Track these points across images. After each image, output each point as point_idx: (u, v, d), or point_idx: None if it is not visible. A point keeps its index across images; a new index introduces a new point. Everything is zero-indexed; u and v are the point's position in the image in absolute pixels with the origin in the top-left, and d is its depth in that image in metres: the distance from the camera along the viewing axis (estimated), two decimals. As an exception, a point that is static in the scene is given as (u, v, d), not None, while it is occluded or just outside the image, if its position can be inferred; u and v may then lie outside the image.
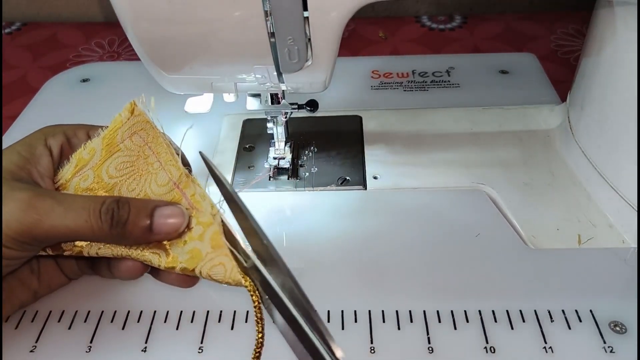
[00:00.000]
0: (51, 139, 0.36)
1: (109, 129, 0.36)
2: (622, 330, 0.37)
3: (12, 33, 0.83)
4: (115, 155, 0.35)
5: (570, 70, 0.67)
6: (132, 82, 0.65)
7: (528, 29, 0.78)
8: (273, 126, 0.50)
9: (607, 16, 0.44)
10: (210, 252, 0.32)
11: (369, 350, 0.36)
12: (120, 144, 0.35)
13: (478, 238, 0.44)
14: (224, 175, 0.32)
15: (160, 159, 0.35)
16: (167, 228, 0.32)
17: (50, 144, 0.36)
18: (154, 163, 0.35)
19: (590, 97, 0.47)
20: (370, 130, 0.56)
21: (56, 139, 0.36)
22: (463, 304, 0.39)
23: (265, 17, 0.35)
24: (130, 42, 0.39)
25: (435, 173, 0.51)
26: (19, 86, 0.70)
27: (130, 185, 0.35)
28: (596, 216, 0.46)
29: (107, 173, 0.35)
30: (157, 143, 0.35)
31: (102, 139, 0.36)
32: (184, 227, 0.32)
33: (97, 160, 0.35)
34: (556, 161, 0.51)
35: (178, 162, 0.35)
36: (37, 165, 0.35)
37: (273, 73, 0.40)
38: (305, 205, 0.48)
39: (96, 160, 0.35)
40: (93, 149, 0.36)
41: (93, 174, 0.35)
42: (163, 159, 0.35)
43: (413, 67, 0.66)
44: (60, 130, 0.37)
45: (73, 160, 0.36)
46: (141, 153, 0.35)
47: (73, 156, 0.36)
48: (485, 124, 0.56)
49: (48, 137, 0.36)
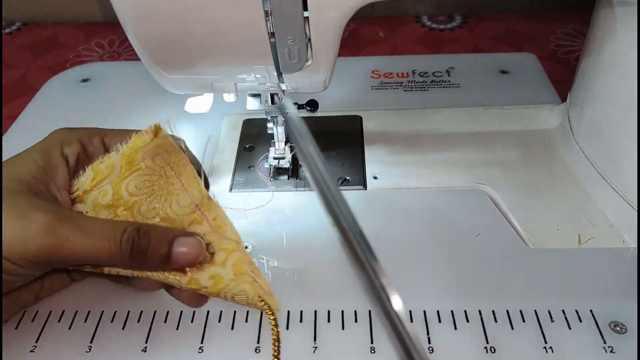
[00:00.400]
0: (67, 147, 0.35)
1: (129, 146, 0.35)
2: (622, 330, 0.37)
3: (13, 33, 0.83)
4: (135, 173, 0.34)
5: (570, 70, 0.67)
6: (133, 82, 0.65)
7: (528, 29, 0.78)
8: (273, 126, 0.50)
9: (607, 16, 0.44)
10: (233, 279, 0.32)
11: (370, 350, 0.36)
12: (140, 163, 0.35)
13: (478, 238, 0.44)
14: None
15: (182, 180, 0.34)
16: (185, 259, 0.32)
17: (67, 153, 0.35)
18: (176, 183, 0.34)
19: (590, 97, 0.47)
20: (370, 130, 0.56)
21: (72, 148, 0.35)
22: (463, 303, 0.39)
23: (265, 17, 0.35)
24: (131, 42, 0.39)
25: (435, 173, 0.51)
26: (19, 86, 0.70)
27: (151, 204, 0.34)
28: (596, 216, 0.46)
29: (127, 190, 0.34)
30: (180, 164, 0.35)
31: (122, 156, 0.35)
32: (201, 258, 0.32)
33: (117, 176, 0.35)
34: (556, 161, 0.51)
35: (200, 185, 0.34)
36: (54, 175, 0.34)
37: (273, 73, 0.40)
38: (305, 205, 0.48)
39: (115, 176, 0.35)
40: (112, 164, 0.35)
41: (112, 189, 0.34)
42: (185, 180, 0.34)
43: (413, 67, 0.66)
44: (75, 137, 0.36)
45: (90, 173, 0.35)
46: (162, 173, 0.35)
47: (90, 168, 0.35)
48: (485, 124, 0.56)
49: (64, 145, 0.35)
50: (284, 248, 0.44)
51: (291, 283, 0.41)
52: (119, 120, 0.59)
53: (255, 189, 0.50)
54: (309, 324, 0.38)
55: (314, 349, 0.37)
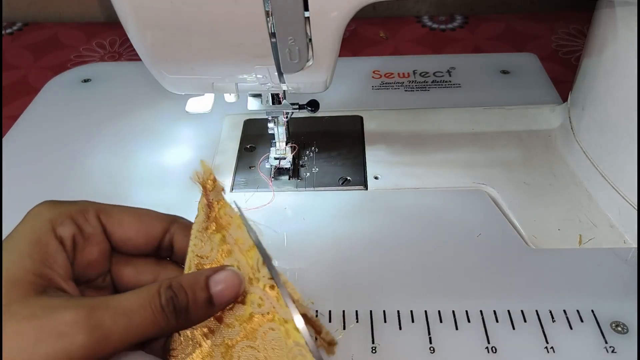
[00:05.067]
0: (60, 228, 0.29)
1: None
2: (623, 330, 0.37)
3: (14, 33, 0.83)
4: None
5: (571, 70, 0.67)
6: (134, 83, 0.65)
7: (529, 29, 0.78)
8: (274, 126, 0.50)
9: (608, 16, 0.44)
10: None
11: (371, 350, 0.36)
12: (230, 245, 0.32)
13: (479, 238, 0.44)
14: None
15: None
16: (227, 295, 0.29)
17: (62, 235, 0.29)
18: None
19: (591, 97, 0.47)
20: (371, 130, 0.56)
21: (66, 228, 0.29)
22: (464, 304, 0.39)
23: (266, 18, 0.35)
24: (132, 42, 0.39)
25: (437, 173, 0.51)
26: (20, 86, 0.70)
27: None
28: (597, 216, 0.46)
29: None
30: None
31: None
32: (242, 289, 0.30)
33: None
34: (557, 161, 0.51)
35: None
36: (55, 266, 0.28)
37: (274, 73, 0.40)
38: (306, 205, 0.48)
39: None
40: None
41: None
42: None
43: (414, 67, 0.66)
44: (67, 214, 0.30)
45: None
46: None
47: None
48: (486, 124, 0.56)
49: (56, 226, 0.29)
50: (284, 248, 0.44)
51: (292, 283, 0.41)
52: (120, 121, 0.59)
53: (256, 189, 0.50)
54: (310, 324, 0.38)
55: (315, 349, 0.37)
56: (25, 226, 0.29)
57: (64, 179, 0.52)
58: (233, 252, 0.31)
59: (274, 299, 0.30)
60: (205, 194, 0.32)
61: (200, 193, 0.32)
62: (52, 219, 0.29)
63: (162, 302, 0.27)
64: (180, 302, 0.28)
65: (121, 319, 0.26)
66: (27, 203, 0.31)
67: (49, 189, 0.51)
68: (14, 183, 0.51)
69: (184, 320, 0.28)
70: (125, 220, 0.32)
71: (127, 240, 0.32)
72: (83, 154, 0.55)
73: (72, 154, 0.55)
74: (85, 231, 0.30)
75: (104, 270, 0.32)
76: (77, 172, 0.53)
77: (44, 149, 0.56)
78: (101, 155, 0.55)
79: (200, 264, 0.31)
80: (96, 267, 0.32)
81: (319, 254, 0.43)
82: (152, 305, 0.27)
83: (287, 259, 0.43)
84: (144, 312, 0.27)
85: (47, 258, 0.28)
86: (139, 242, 0.32)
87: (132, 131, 0.58)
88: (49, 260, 0.28)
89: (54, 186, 0.51)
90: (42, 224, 0.29)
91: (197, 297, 0.28)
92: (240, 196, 0.49)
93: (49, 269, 0.28)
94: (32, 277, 0.27)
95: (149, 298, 0.27)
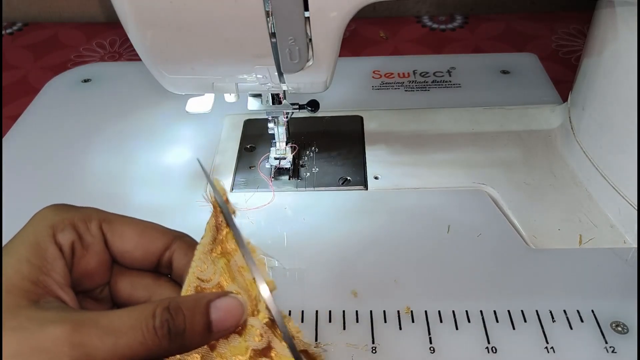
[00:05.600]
0: (60, 234, 0.28)
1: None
2: (623, 330, 0.37)
3: (14, 33, 0.83)
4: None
5: (571, 71, 0.67)
6: (134, 83, 0.65)
7: (529, 29, 0.78)
8: (274, 126, 0.50)
9: (608, 16, 0.44)
10: None
11: (371, 350, 0.36)
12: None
13: (479, 238, 0.44)
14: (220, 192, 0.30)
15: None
16: (228, 323, 0.28)
17: (61, 242, 0.28)
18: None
19: (591, 97, 0.47)
20: (371, 131, 0.56)
21: (66, 236, 0.29)
22: (464, 304, 0.39)
23: (266, 18, 0.35)
24: (132, 42, 0.39)
25: (437, 173, 0.51)
26: (20, 86, 0.70)
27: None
28: (597, 216, 0.46)
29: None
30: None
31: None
32: (245, 318, 0.28)
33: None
34: (557, 161, 0.51)
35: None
36: (53, 273, 0.27)
37: (274, 73, 0.40)
38: (306, 205, 0.48)
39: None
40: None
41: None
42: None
43: (414, 67, 0.66)
44: (69, 220, 0.29)
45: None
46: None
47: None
48: (486, 124, 0.56)
49: (57, 232, 0.28)
50: (284, 248, 0.44)
51: (292, 283, 0.41)
52: (121, 121, 0.59)
53: (257, 189, 0.50)
54: (311, 324, 0.38)
55: (315, 349, 0.37)
56: (28, 229, 0.28)
57: (64, 179, 0.52)
58: (236, 280, 0.30)
59: (272, 335, 0.28)
60: (216, 215, 0.31)
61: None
62: (53, 225, 0.28)
63: (156, 325, 0.26)
64: (176, 326, 0.26)
65: (108, 338, 0.25)
66: (27, 203, 0.31)
67: (49, 189, 0.51)
68: (14, 183, 0.51)
69: (178, 345, 0.27)
70: (126, 232, 0.31)
71: (125, 253, 0.31)
72: (83, 154, 0.55)
73: (72, 154, 0.55)
74: (85, 240, 0.30)
75: (104, 281, 0.31)
76: (77, 172, 0.53)
77: (44, 149, 0.56)
78: (101, 155, 0.55)
79: (199, 287, 0.30)
80: (94, 277, 0.31)
81: (319, 254, 0.43)
82: (145, 326, 0.26)
83: (287, 259, 0.43)
84: (133, 333, 0.26)
85: (45, 264, 0.27)
86: (137, 256, 0.31)
87: (132, 131, 0.58)
88: (47, 266, 0.27)
89: (54, 186, 0.51)
90: (43, 228, 0.28)
91: (196, 321, 0.27)
92: (240, 196, 0.49)
93: (46, 276, 0.27)
94: (27, 285, 0.26)
95: (142, 318, 0.26)
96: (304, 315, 0.39)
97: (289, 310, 0.39)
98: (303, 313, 0.39)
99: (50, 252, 0.28)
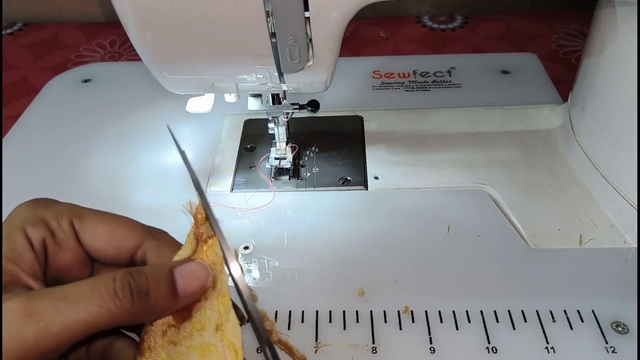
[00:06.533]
0: (31, 229, 0.29)
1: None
2: (624, 330, 0.37)
3: (14, 33, 0.83)
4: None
5: (571, 71, 0.67)
6: (134, 83, 0.65)
7: (529, 29, 0.78)
8: (274, 126, 0.50)
9: (608, 16, 0.44)
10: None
11: (371, 350, 0.36)
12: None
13: (479, 238, 0.44)
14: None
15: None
16: (193, 287, 0.28)
17: (31, 237, 0.29)
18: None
19: (591, 97, 0.47)
20: (372, 131, 0.56)
21: (37, 231, 0.29)
22: (465, 304, 0.39)
23: (266, 18, 0.35)
24: (132, 42, 0.39)
25: (437, 173, 0.51)
26: (20, 86, 0.70)
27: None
28: (597, 216, 0.46)
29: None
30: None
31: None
32: (209, 282, 0.28)
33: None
34: (557, 161, 0.51)
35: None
36: (21, 263, 0.28)
37: (274, 73, 0.40)
38: (306, 205, 0.48)
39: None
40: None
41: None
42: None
43: (414, 67, 0.66)
44: (40, 217, 0.29)
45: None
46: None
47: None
48: (486, 124, 0.56)
49: (27, 226, 0.29)
50: (285, 248, 0.44)
51: (292, 283, 0.41)
52: (121, 121, 0.59)
53: (257, 189, 0.50)
54: (311, 324, 0.38)
55: (315, 350, 0.37)
56: (5, 223, 0.29)
57: (63, 179, 0.52)
58: (209, 294, 0.29)
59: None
60: (196, 227, 0.30)
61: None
62: (25, 220, 0.29)
63: (117, 287, 0.26)
64: (139, 286, 0.26)
65: (62, 304, 0.25)
66: (27, 203, 0.31)
67: (49, 189, 0.51)
68: (14, 183, 0.51)
69: (142, 308, 0.26)
70: (97, 229, 0.30)
71: (97, 250, 0.31)
72: (83, 154, 0.55)
73: (72, 154, 0.55)
74: (57, 236, 0.30)
75: (84, 276, 0.31)
76: (77, 172, 0.53)
77: (44, 149, 0.56)
78: (101, 155, 0.55)
79: None
80: (72, 272, 0.31)
81: (319, 254, 0.43)
82: (104, 290, 0.26)
83: (287, 259, 0.43)
84: (91, 296, 0.25)
85: (15, 256, 0.28)
86: (110, 253, 0.31)
87: (132, 131, 0.58)
88: (15, 258, 0.28)
89: (54, 186, 0.51)
90: (16, 222, 0.29)
91: (160, 283, 0.27)
92: (240, 196, 0.49)
93: (14, 265, 0.27)
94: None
95: (101, 284, 0.26)
96: (304, 315, 0.39)
97: (289, 311, 0.39)
98: (303, 313, 0.39)
99: (19, 244, 0.28)
